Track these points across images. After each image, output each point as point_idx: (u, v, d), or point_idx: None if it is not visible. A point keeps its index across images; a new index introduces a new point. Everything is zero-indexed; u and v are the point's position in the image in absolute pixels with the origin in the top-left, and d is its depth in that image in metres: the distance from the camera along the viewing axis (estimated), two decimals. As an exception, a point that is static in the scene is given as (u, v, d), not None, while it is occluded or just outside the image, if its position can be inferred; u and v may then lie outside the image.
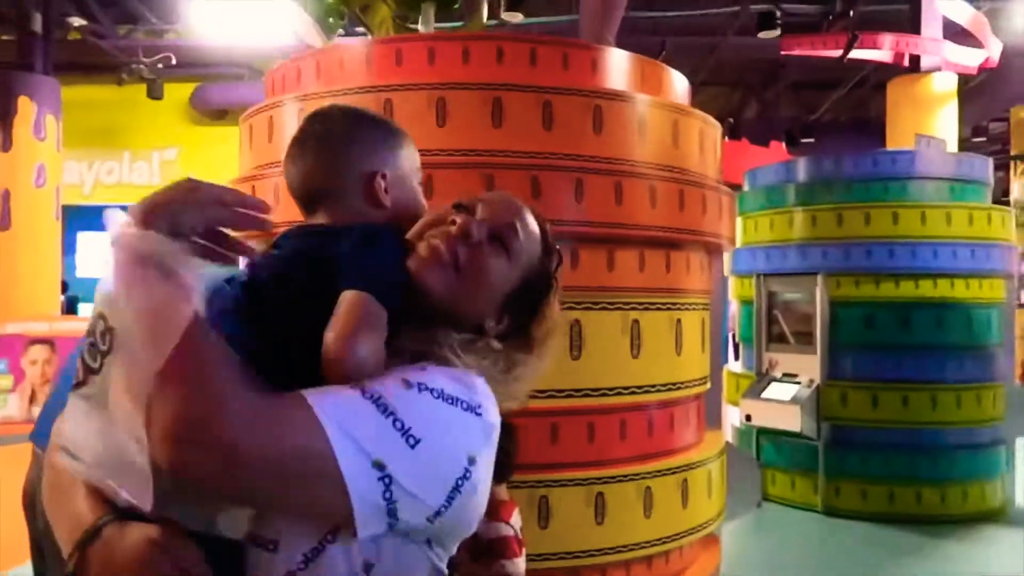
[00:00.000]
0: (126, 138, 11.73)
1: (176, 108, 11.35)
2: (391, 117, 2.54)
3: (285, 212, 2.64)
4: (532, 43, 2.73)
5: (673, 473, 2.83)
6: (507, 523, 2.24)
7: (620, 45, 7.43)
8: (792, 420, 5.53)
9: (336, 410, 0.86)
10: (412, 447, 0.87)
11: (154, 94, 10.26)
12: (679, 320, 2.91)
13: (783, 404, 5.61)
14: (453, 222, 1.06)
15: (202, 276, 0.87)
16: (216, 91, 10.95)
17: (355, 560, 0.90)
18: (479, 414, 0.94)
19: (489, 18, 7.86)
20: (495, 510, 2.28)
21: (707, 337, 3.20)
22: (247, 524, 0.89)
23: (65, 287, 9.78)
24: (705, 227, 2.98)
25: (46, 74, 9.33)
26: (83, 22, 9.46)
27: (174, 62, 9.93)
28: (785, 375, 5.85)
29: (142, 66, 9.82)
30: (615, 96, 2.71)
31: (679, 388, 2.92)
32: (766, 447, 6.06)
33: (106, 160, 11.84)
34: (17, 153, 9.00)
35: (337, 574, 0.89)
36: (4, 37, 9.73)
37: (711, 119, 3.17)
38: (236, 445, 0.81)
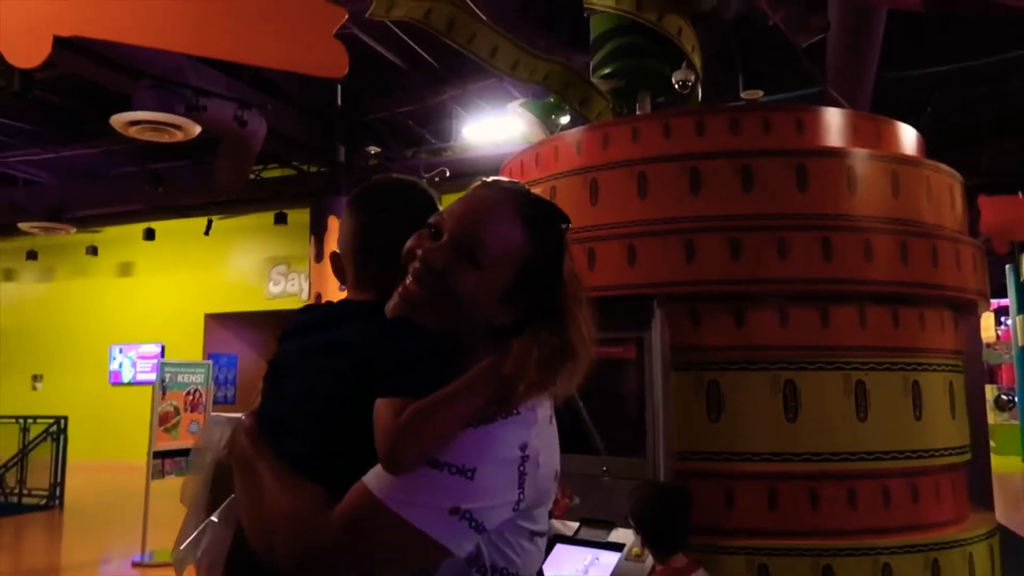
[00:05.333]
0: (412, 245, 13.32)
1: (452, 215, 12.72)
2: (597, 194, 2.77)
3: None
4: (732, 113, 2.81)
5: (919, 551, 2.56)
6: None
7: (879, 107, 7.06)
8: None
9: (398, 490, 0.97)
10: (471, 478, 0.99)
11: (433, 204, 11.63)
12: (916, 382, 2.69)
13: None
14: (416, 253, 1.10)
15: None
16: (485, 197, 12.11)
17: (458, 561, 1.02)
18: (517, 413, 1.04)
19: (729, 97, 7.94)
20: None
21: (959, 402, 2.89)
22: None
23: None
24: (941, 280, 2.76)
25: (349, 195, 11.02)
26: (377, 149, 11.11)
27: (448, 175, 11.21)
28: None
29: (423, 181, 11.21)
30: (819, 152, 2.68)
31: (922, 457, 2.67)
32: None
33: (397, 266, 13.45)
34: (326, 264, 10.68)
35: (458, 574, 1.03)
36: (314, 169, 11.71)
37: (945, 168, 2.97)
38: (329, 564, 0.97)
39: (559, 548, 2.77)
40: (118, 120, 7.39)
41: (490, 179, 1.18)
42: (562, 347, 1.08)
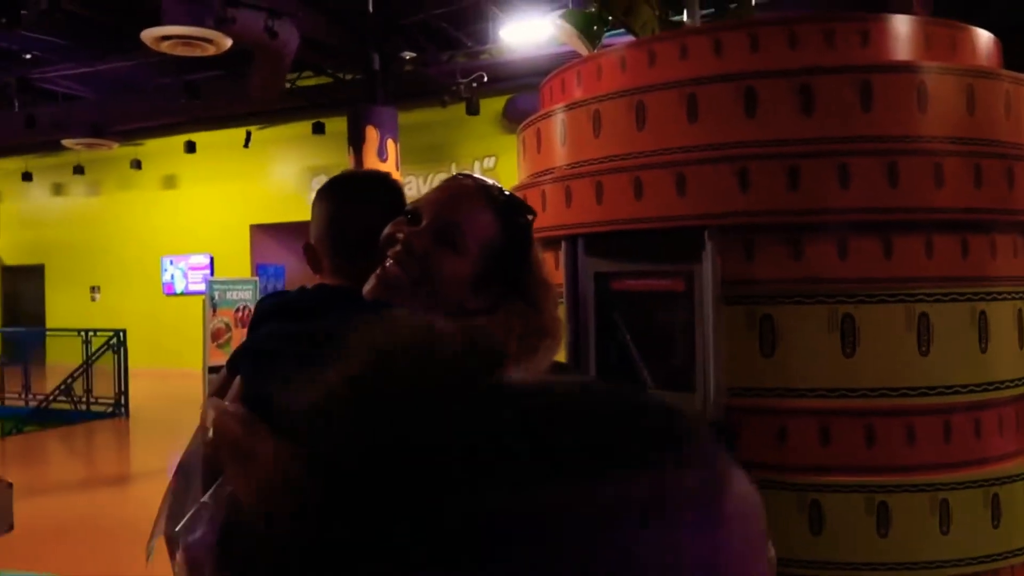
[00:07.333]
0: (452, 152, 13.13)
1: (491, 121, 12.43)
2: (644, 118, 2.61)
3: (546, 218, 2.82)
4: (789, 24, 2.58)
5: (979, 486, 2.49)
6: None
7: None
8: None
9: None
10: None
11: (472, 110, 11.34)
12: (983, 312, 2.55)
13: None
14: (397, 237, 1.14)
15: None
16: (524, 101, 11.77)
17: None
18: None
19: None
20: None
21: (1030, 330, 2.75)
22: None
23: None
24: (1017, 204, 2.57)
25: (386, 104, 10.81)
26: (413, 54, 10.80)
27: (486, 79, 10.88)
28: None
29: (460, 86, 10.92)
30: (887, 68, 2.46)
31: (986, 390, 2.56)
32: None
33: (437, 172, 13.34)
34: (366, 174, 10.59)
35: None
36: (350, 76, 11.45)
37: (1027, 76, 2.72)
38: None
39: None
40: (149, 35, 7.25)
41: (462, 173, 1.25)
42: (539, 322, 1.13)
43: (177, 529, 1.13)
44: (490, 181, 1.24)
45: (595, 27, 3.61)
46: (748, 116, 2.48)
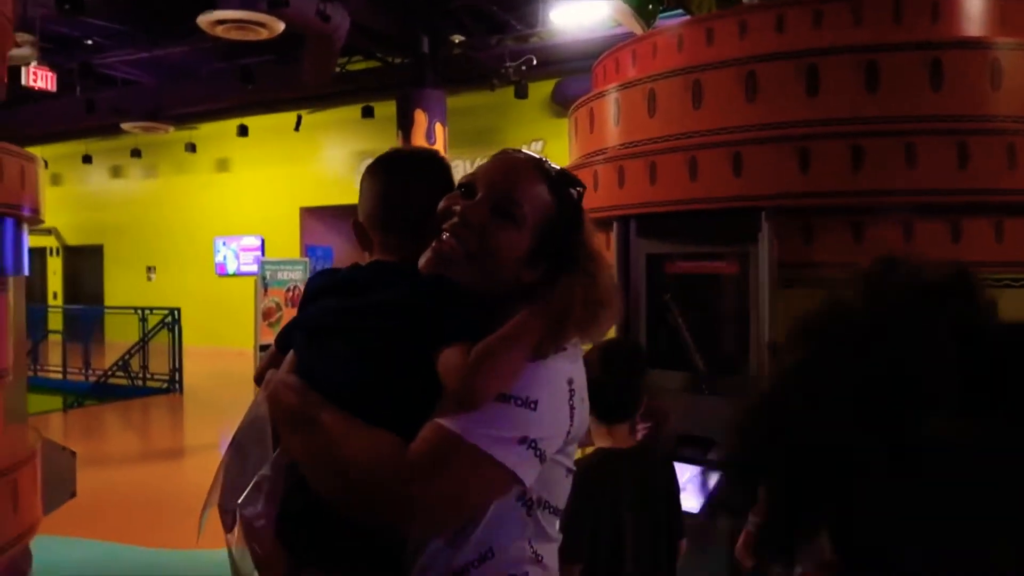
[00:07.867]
0: (500, 135, 13.09)
1: (539, 104, 12.36)
2: (700, 97, 2.56)
3: (598, 199, 2.79)
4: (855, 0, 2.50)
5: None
6: None
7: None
8: None
9: (472, 424, 1.03)
10: (535, 409, 1.05)
11: (520, 94, 11.29)
12: (1054, 299, 2.45)
13: None
14: (454, 210, 1.15)
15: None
16: (572, 84, 11.67)
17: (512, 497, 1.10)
18: (565, 349, 1.11)
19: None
20: None
21: (1103, 320, 2.63)
22: None
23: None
24: (1095, 186, 2.46)
25: (434, 88, 10.84)
26: (462, 38, 10.79)
27: (535, 63, 10.81)
28: None
29: (509, 70, 10.88)
30: (958, 44, 2.36)
31: (1056, 380, 2.46)
32: None
33: (485, 156, 13.27)
34: (414, 158, 10.63)
35: (508, 508, 1.10)
36: (399, 60, 11.50)
37: (1107, 53, 2.58)
38: (414, 499, 1.02)
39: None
40: (204, 20, 7.38)
41: (511, 148, 1.26)
42: (596, 293, 1.14)
43: (239, 502, 1.15)
44: (539, 156, 1.24)
45: (650, 6, 3.54)
46: (810, 94, 2.41)
